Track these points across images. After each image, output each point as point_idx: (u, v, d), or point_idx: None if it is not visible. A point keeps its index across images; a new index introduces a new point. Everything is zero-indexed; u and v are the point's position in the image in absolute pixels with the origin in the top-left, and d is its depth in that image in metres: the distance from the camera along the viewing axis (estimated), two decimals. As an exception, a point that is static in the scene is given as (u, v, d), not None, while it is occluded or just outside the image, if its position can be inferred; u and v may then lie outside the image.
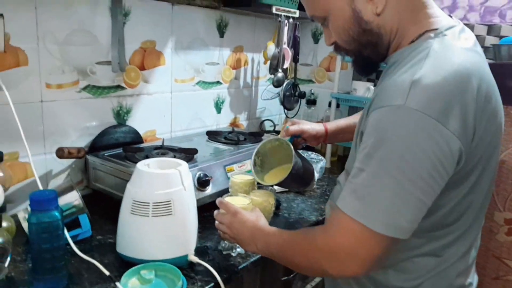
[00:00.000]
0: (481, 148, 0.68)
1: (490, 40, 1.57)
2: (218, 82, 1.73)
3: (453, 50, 0.68)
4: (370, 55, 0.79)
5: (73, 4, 1.18)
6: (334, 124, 1.19)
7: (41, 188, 1.04)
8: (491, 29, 1.58)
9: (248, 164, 1.35)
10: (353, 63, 0.85)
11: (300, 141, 1.17)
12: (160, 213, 0.87)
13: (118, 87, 1.34)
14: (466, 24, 0.79)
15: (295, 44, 1.83)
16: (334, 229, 0.70)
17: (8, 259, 0.82)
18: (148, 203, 0.86)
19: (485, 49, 0.75)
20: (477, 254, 0.81)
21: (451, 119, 0.62)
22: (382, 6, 0.72)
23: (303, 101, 1.96)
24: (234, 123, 1.86)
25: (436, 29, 0.72)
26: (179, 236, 0.89)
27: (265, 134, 1.65)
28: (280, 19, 1.67)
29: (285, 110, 1.94)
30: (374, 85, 1.65)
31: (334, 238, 0.69)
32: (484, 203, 0.76)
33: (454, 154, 0.63)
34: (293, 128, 1.12)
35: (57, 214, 0.80)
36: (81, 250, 0.90)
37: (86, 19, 1.22)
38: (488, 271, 1.03)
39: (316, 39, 2.03)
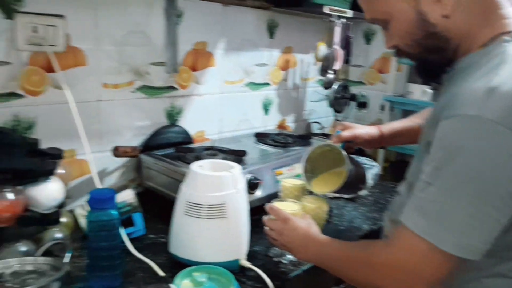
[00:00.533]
0: None
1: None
2: (266, 84, 1.72)
3: None
4: (435, 60, 0.74)
5: (130, 6, 1.20)
6: (390, 127, 1.13)
7: (98, 185, 1.07)
8: None
9: (297, 168, 1.33)
10: (416, 68, 0.80)
11: (352, 145, 1.13)
12: (213, 216, 0.86)
13: (171, 87, 1.36)
14: None
15: (347, 45, 1.78)
16: (398, 246, 0.66)
17: (69, 255, 0.84)
18: (202, 205, 0.86)
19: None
20: None
21: None
22: (452, 7, 0.67)
23: (353, 103, 1.90)
24: (281, 125, 1.84)
25: (511, 31, 0.67)
26: (232, 240, 0.89)
27: (313, 137, 1.62)
28: (332, 19, 1.63)
29: (335, 113, 1.90)
30: (432, 89, 1.57)
31: (397, 255, 0.66)
32: None
33: None
34: (346, 134, 1.07)
35: (115, 213, 0.81)
36: (135, 249, 0.91)
37: (142, 20, 1.24)
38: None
39: (368, 40, 1.97)
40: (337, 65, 1.72)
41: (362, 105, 1.89)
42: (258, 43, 1.63)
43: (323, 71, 1.72)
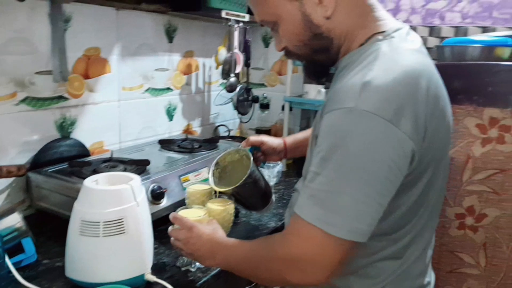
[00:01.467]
0: (432, 148, 0.69)
1: (432, 41, 1.64)
2: (168, 89, 1.68)
3: (401, 51, 0.69)
4: (321, 59, 0.79)
5: (7, 11, 1.09)
6: (292, 138, 1.19)
7: (-23, 212, 0.95)
8: (433, 31, 1.65)
9: (205, 173, 1.32)
10: (304, 68, 0.85)
11: (260, 156, 1.16)
12: (112, 233, 0.81)
13: (61, 97, 1.26)
14: (410, 26, 0.80)
15: (246, 49, 1.82)
16: (294, 237, 0.68)
17: None
18: (99, 222, 0.81)
19: (428, 50, 0.77)
20: (432, 253, 0.83)
21: (403, 120, 0.62)
22: (332, 9, 0.72)
23: (257, 105, 1.95)
24: (187, 130, 1.82)
25: (384, 31, 0.73)
26: (134, 255, 0.85)
27: (220, 140, 1.62)
28: (230, 23, 1.65)
29: (239, 115, 1.92)
30: (325, 88, 1.67)
31: (294, 246, 0.67)
32: (437, 202, 0.78)
33: (407, 155, 0.64)
34: (253, 138, 1.13)
35: (-5, 242, 0.73)
36: (26, 278, 0.82)
37: (23, 27, 1.14)
38: (443, 265, 1.07)
39: (266, 43, 2.03)
40: (238, 68, 1.75)
41: (265, 106, 1.94)
42: (156, 48, 1.59)
43: (225, 74, 1.73)
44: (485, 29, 1.56)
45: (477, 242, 1.02)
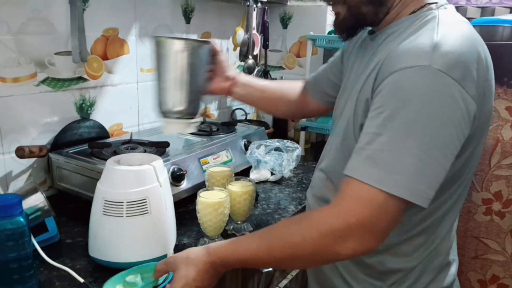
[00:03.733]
0: (482, 117, 0.67)
1: (457, 22, 1.58)
2: (186, 71, 1.66)
3: (459, 21, 0.69)
4: (367, 13, 0.74)
5: (25, -10, 1.08)
6: (248, 78, 1.08)
7: (1, 192, 0.96)
8: (458, 11, 1.59)
9: (224, 156, 1.31)
10: (340, 21, 0.78)
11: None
12: (135, 213, 0.81)
13: (80, 78, 1.26)
14: None
15: (264, 30, 1.78)
16: (351, 202, 0.63)
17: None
18: (122, 202, 0.81)
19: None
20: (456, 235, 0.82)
21: (469, 83, 0.61)
22: None
23: (274, 88, 1.92)
24: (205, 113, 1.80)
25: (436, 2, 0.72)
26: (157, 235, 0.85)
27: (237, 124, 1.61)
28: (248, 3, 1.62)
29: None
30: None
31: (352, 212, 0.62)
32: (469, 180, 0.76)
33: (470, 119, 0.63)
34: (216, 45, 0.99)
35: (22, 220, 0.73)
36: (50, 257, 0.83)
37: (42, 6, 1.13)
38: (467, 251, 1.05)
39: (284, 24, 1.99)
40: (256, 50, 1.72)
41: (283, 89, 1.91)
42: (174, 29, 1.57)
43: (243, 56, 1.71)
44: (513, 9, 1.50)
45: (504, 228, 1.00)
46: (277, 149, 1.44)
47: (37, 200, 0.95)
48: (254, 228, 1.07)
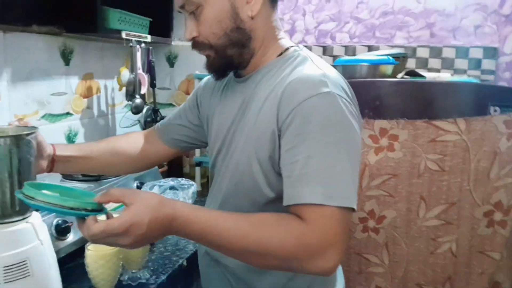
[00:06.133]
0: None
1: (326, 60, 1.76)
2: (68, 114, 1.58)
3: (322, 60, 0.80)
4: (233, 55, 0.80)
5: None
6: (64, 146, 0.95)
7: None
8: (326, 50, 1.80)
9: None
10: (210, 61, 0.82)
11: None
12: (14, 277, 0.74)
13: None
14: (305, 45, 0.92)
15: (150, 69, 1.79)
16: (312, 222, 0.65)
17: None
18: (-4, 268, 0.73)
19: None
20: None
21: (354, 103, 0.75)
22: (256, 11, 0.78)
23: (165, 125, 1.92)
24: (91, 156, 1.71)
25: (296, 45, 0.82)
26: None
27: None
28: (131, 44, 1.62)
29: (147, 137, 1.87)
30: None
31: (314, 230, 0.65)
32: None
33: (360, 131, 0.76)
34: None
35: None
36: None
37: None
38: (352, 266, 1.15)
39: (171, 63, 2.02)
40: (143, 89, 1.71)
41: (174, 126, 1.91)
42: (51, 71, 1.49)
43: (130, 96, 1.68)
44: (370, 48, 1.73)
45: (380, 242, 1.13)
46: (172, 187, 1.43)
47: None
48: (152, 275, 1.04)
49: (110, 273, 0.89)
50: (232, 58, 0.80)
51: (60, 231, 1.02)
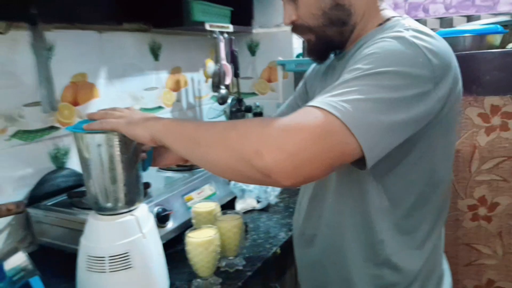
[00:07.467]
0: (452, 104, 0.67)
1: (418, 34, 1.64)
2: (159, 107, 1.66)
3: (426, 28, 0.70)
4: (333, 34, 0.75)
5: (-12, 45, 1.06)
6: None
7: (-23, 256, 0.91)
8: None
9: (208, 190, 1.29)
10: (310, 45, 0.79)
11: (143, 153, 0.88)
12: (118, 268, 0.78)
13: (52, 128, 1.23)
14: None
15: (233, 59, 1.80)
16: (295, 113, 0.59)
17: None
18: (104, 257, 0.77)
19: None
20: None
21: (443, 84, 0.62)
22: None
23: (250, 114, 1.93)
24: (182, 147, 1.78)
25: (399, 16, 0.75)
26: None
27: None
28: (215, 35, 1.64)
29: (233, 126, 1.90)
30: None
31: (294, 117, 0.58)
32: (450, 182, 0.79)
33: (438, 94, 0.62)
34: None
35: (5, 286, 0.70)
36: (36, 321, 0.79)
37: (6, 59, 1.10)
38: (460, 259, 1.06)
39: (253, 52, 2.01)
40: (228, 80, 1.73)
41: (258, 115, 1.92)
42: (143, 67, 1.57)
43: (215, 87, 1.72)
44: (469, 18, 1.57)
45: (492, 232, 1.01)
46: (259, 176, 1.44)
47: (18, 260, 0.90)
48: (247, 262, 1.04)
49: (209, 260, 0.91)
50: (332, 39, 0.76)
51: (161, 219, 1.07)
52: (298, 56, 1.89)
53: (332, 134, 0.56)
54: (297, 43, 1.91)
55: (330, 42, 0.77)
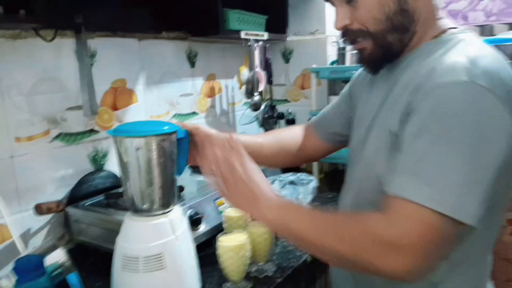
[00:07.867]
0: None
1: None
2: (194, 113, 1.69)
3: (484, 43, 0.68)
4: (393, 42, 0.72)
5: (35, 53, 1.12)
6: (243, 138, 0.98)
7: (20, 250, 0.96)
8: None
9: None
10: (367, 55, 0.75)
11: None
12: (151, 268, 0.80)
13: (92, 131, 1.28)
14: None
15: (267, 66, 1.82)
16: (402, 220, 0.60)
17: None
18: (137, 257, 0.80)
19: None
20: None
21: (509, 107, 0.60)
22: None
23: (282, 121, 1.94)
24: (215, 153, 1.81)
25: (455, 27, 0.72)
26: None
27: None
28: (249, 43, 1.66)
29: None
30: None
31: (403, 228, 0.60)
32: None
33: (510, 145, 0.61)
34: (188, 124, 0.95)
35: (45, 281, 0.73)
36: (73, 316, 0.82)
37: (51, 66, 1.16)
38: (499, 274, 1.01)
39: (286, 59, 2.02)
40: (261, 87, 1.75)
41: (291, 122, 1.92)
42: (180, 74, 1.61)
43: (249, 93, 1.74)
44: (511, 26, 1.51)
45: (533, 248, 0.97)
46: (291, 182, 1.44)
47: (58, 256, 0.94)
48: (277, 269, 1.04)
49: (239, 264, 0.92)
50: (391, 46, 0.72)
51: (193, 222, 1.09)
52: (332, 63, 1.88)
53: (439, 232, 0.59)
54: (331, 51, 1.91)
55: (388, 49, 0.73)
